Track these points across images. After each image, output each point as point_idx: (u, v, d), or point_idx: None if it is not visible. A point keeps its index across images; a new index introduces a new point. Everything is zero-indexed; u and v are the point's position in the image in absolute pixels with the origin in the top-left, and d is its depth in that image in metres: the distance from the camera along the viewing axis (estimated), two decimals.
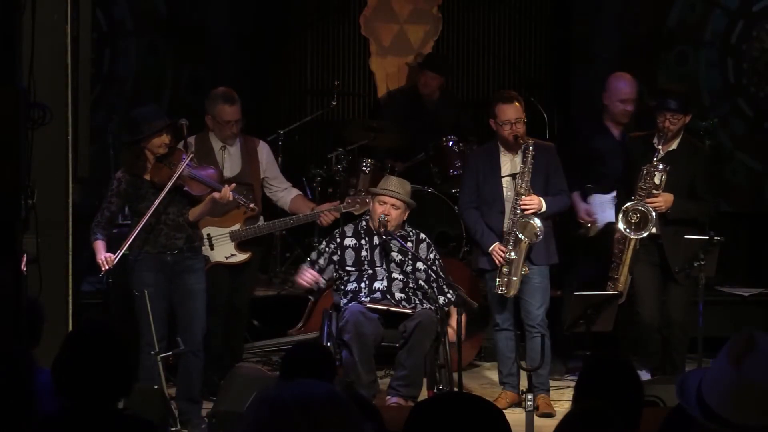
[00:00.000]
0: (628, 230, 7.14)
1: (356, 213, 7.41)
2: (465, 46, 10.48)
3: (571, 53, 10.40)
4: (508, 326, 7.28)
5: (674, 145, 7.32)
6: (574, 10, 10.35)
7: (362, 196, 7.42)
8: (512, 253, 7.06)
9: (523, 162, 7.08)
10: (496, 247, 7.12)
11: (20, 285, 4.14)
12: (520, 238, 7.02)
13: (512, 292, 7.14)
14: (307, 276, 7.16)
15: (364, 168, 8.86)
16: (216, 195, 6.74)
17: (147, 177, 6.71)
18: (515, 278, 7.10)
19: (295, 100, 10.33)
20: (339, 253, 7.22)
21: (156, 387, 6.26)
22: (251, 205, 7.12)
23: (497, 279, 7.15)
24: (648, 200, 7.14)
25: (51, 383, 3.45)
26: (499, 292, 7.16)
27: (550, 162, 7.23)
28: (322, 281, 7.20)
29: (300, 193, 7.69)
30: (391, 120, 9.47)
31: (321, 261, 7.25)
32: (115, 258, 6.58)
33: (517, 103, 7.16)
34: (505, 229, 7.12)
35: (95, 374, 3.43)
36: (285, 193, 7.59)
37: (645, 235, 7.14)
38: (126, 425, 3.47)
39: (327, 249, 7.27)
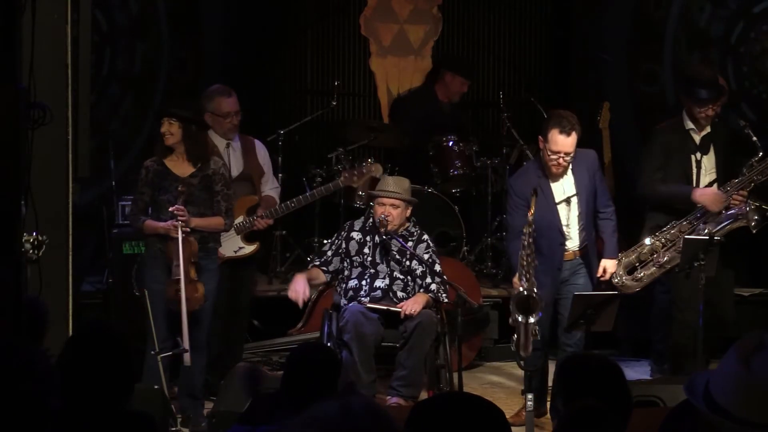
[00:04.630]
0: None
1: (355, 185, 7.47)
2: (465, 46, 10.49)
3: (571, 53, 10.40)
4: (540, 345, 6.64)
5: (708, 129, 7.44)
6: (574, 10, 10.35)
7: (358, 167, 7.42)
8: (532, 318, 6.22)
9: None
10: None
11: (20, 284, 4.14)
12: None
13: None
14: (299, 286, 7.15)
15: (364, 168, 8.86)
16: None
17: (168, 164, 6.76)
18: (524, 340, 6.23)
19: (295, 100, 10.33)
20: (345, 244, 7.28)
21: (156, 387, 6.26)
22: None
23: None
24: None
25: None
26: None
27: (595, 172, 6.99)
28: (307, 295, 7.21)
29: (272, 196, 7.66)
30: (404, 122, 9.48)
31: (329, 252, 7.31)
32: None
33: (575, 134, 6.71)
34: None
35: (97, 375, 3.43)
36: (272, 193, 7.64)
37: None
38: (126, 420, 3.47)
39: (336, 241, 7.35)
